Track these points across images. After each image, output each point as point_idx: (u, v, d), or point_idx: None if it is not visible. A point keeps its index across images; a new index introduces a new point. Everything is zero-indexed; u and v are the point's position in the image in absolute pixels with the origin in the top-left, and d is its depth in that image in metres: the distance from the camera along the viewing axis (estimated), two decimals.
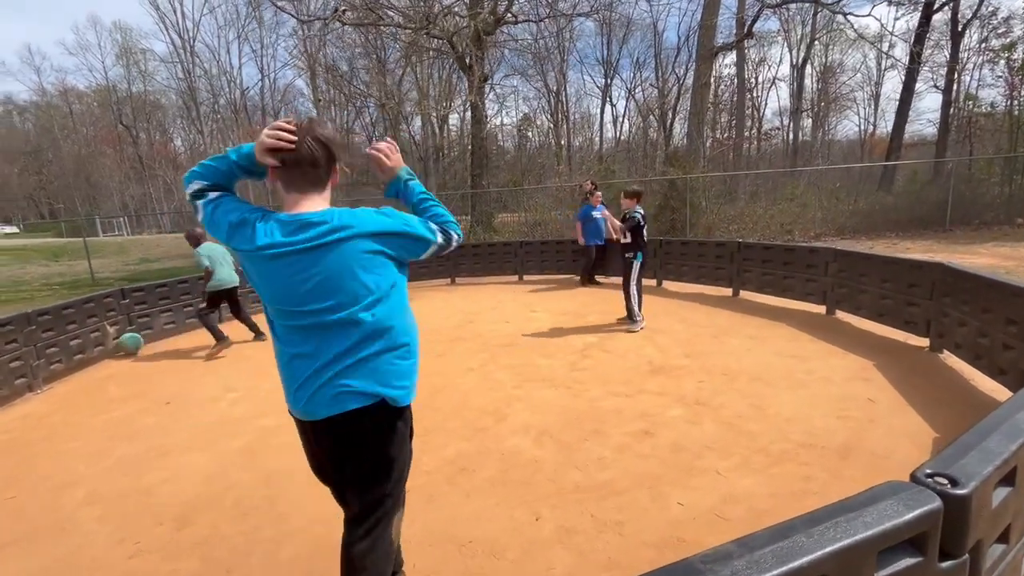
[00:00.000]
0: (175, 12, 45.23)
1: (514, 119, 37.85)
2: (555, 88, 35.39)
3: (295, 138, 1.35)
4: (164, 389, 4.58)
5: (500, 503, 2.51)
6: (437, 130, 21.41)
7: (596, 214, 7.83)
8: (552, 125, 36.30)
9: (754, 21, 15.11)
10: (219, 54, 49.03)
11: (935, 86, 21.99)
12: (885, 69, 33.38)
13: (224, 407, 4.07)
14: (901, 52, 23.01)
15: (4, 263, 17.26)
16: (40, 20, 74.48)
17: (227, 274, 5.45)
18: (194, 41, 46.13)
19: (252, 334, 5.86)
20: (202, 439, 3.51)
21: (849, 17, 14.42)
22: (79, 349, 5.22)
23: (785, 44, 31.79)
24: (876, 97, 35.08)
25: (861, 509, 1.07)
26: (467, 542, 2.24)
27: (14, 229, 38.30)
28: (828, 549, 0.97)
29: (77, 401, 4.48)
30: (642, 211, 5.21)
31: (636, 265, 5.27)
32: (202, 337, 6.44)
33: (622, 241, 5.35)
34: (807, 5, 20.96)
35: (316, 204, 1.39)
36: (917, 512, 1.06)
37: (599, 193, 8.10)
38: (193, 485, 2.91)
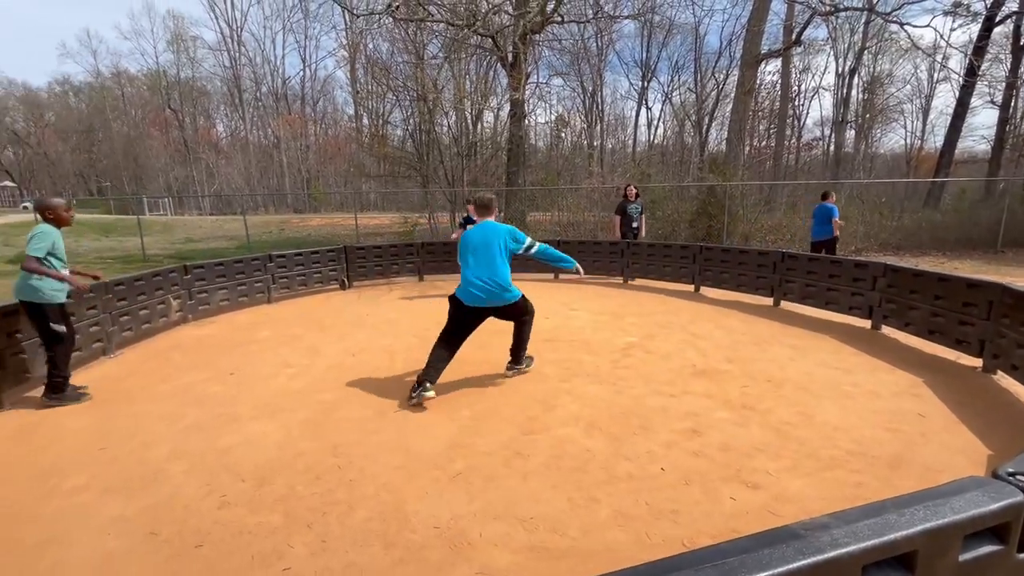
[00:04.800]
0: (225, 1, 46.77)
1: (549, 119, 37.88)
2: (591, 89, 35.34)
3: None
4: (226, 361, 4.86)
5: (556, 486, 2.64)
6: (471, 126, 21.55)
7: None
8: (586, 126, 36.26)
9: (804, 28, 14.81)
10: (264, 43, 50.54)
11: (991, 101, 21.18)
12: (937, 82, 32.33)
13: (283, 381, 4.30)
14: (956, 64, 22.20)
15: None
16: (101, 6, 77.79)
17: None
18: (241, 31, 47.72)
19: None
20: (267, 409, 3.74)
21: (905, 27, 14.01)
22: (146, 319, 5.56)
23: (832, 52, 31.05)
24: (925, 111, 33.97)
25: (948, 497, 1.16)
26: (528, 518, 2.38)
27: None
28: (920, 527, 1.07)
29: (147, 367, 4.79)
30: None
31: None
32: (254, 315, 6.76)
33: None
34: (858, 13, 20.43)
35: None
36: (1002, 504, 1.14)
37: None
38: (266, 449, 3.12)
